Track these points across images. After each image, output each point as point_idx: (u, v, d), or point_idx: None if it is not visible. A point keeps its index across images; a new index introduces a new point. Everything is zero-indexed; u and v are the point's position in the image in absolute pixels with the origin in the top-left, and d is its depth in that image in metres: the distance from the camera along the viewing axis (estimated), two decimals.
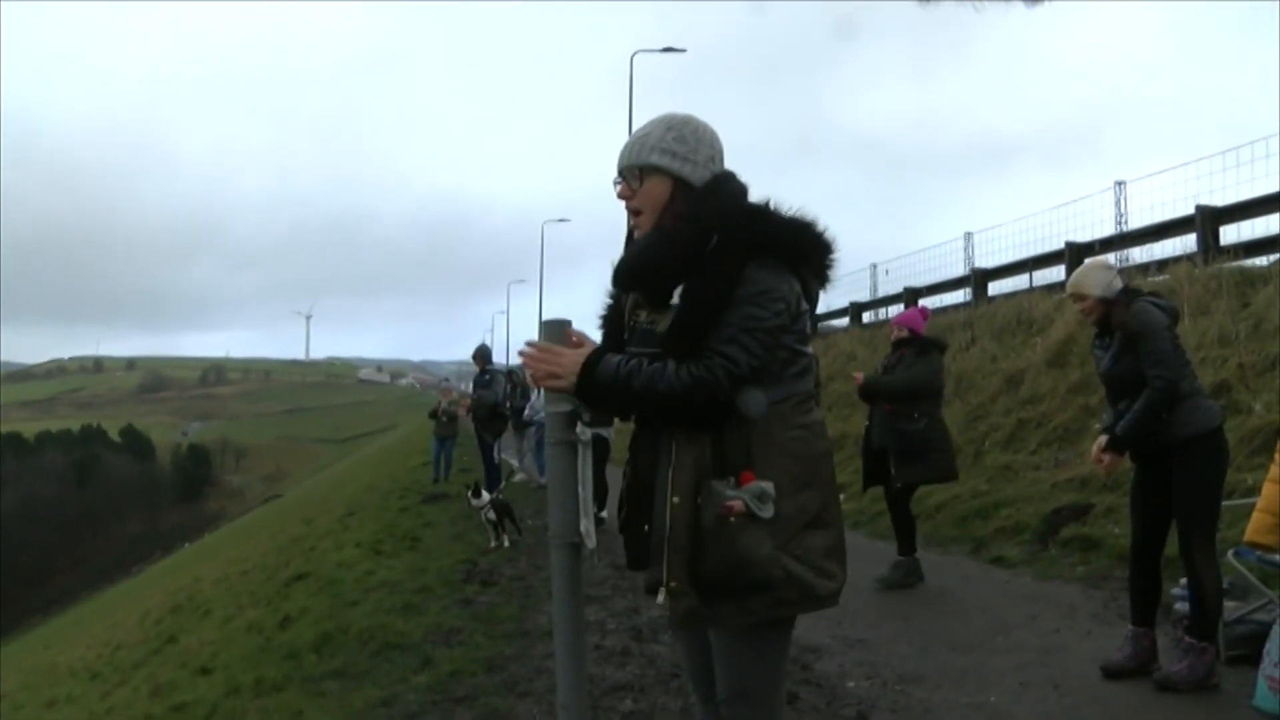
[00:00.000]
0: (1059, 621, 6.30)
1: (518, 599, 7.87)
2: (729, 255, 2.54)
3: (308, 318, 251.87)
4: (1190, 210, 13.15)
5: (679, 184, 2.68)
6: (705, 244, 2.57)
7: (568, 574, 2.87)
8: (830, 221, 2.66)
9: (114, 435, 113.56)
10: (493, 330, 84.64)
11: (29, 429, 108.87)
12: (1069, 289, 5.17)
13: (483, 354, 16.00)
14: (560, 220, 59.16)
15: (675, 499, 2.49)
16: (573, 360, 2.56)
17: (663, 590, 2.51)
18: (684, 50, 33.44)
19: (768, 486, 2.47)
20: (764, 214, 2.63)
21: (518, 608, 7.53)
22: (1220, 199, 13.13)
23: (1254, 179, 13.18)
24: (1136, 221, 16.17)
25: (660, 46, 33.39)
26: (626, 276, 2.74)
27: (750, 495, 2.46)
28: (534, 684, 5.48)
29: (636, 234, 2.76)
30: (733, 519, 2.45)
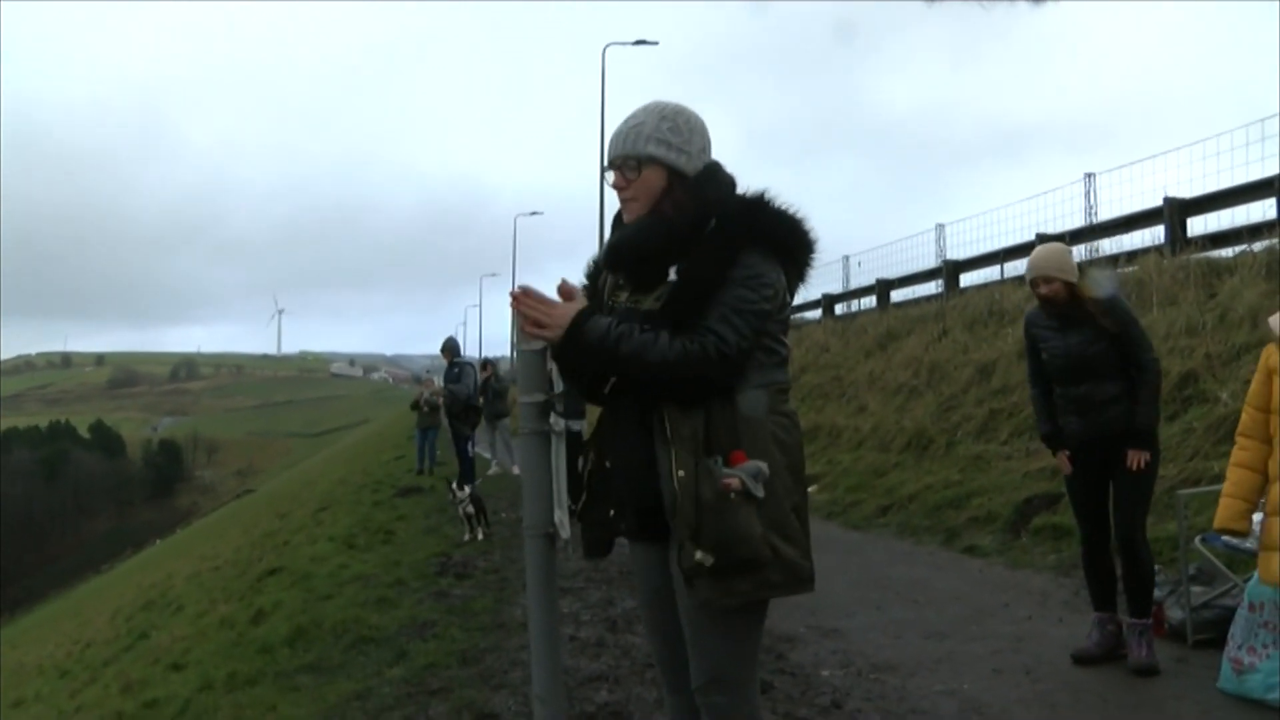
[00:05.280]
0: (1031, 609, 6.36)
1: (492, 591, 7.87)
2: (726, 239, 2.59)
3: (280, 312, 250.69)
4: (1159, 202, 13.26)
5: (673, 174, 2.68)
6: (702, 229, 2.61)
7: (542, 565, 2.87)
8: (851, 208, 2.70)
9: (83, 432, 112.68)
10: (465, 324, 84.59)
11: None
12: (1036, 271, 5.19)
13: (451, 347, 15.94)
14: (533, 214, 59.12)
15: (680, 473, 2.48)
16: (563, 313, 2.55)
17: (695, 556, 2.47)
18: (656, 43, 33.66)
19: (763, 466, 2.49)
20: (761, 204, 2.67)
21: (492, 600, 7.53)
22: (1190, 190, 13.25)
23: (1220, 171, 13.32)
24: (1106, 213, 16.29)
25: (648, 38, 33.61)
26: (621, 258, 2.73)
27: (747, 474, 2.47)
28: (509, 676, 5.49)
29: (626, 219, 2.76)
30: (732, 496, 2.46)
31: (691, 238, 2.60)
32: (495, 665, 5.75)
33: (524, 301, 2.58)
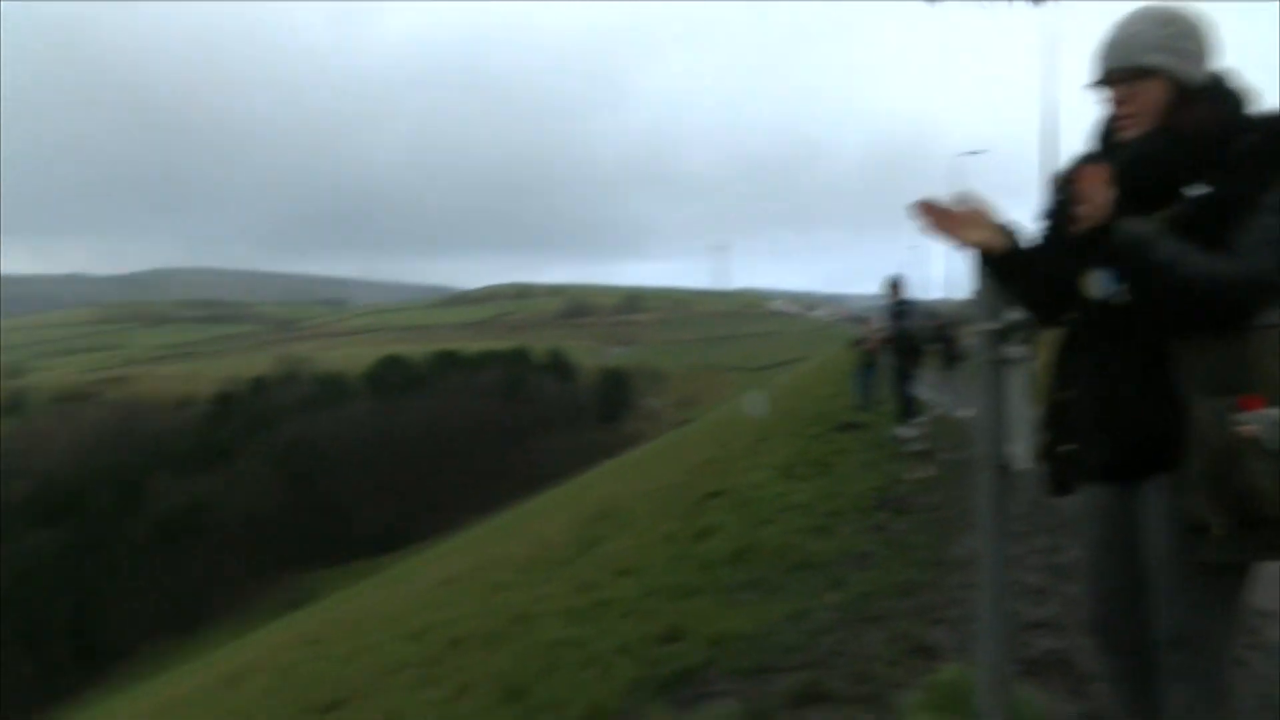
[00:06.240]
0: None
1: (932, 529, 7.75)
2: (1263, 160, 2.33)
3: (724, 249, 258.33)
4: None
5: (1176, 85, 2.46)
6: (1226, 147, 2.37)
7: (995, 497, 2.79)
8: None
9: (539, 357, 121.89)
10: (901, 266, 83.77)
11: (467, 348, 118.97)
12: None
13: (896, 283, 15.59)
14: (973, 153, 57.22)
15: (1196, 414, 2.28)
16: (1109, 198, 2.38)
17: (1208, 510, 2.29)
18: None
19: None
20: None
21: (932, 537, 7.42)
22: None
23: None
24: None
25: None
26: (1138, 176, 2.48)
27: (1267, 422, 2.21)
28: (948, 612, 5.41)
29: (1126, 136, 2.55)
30: (1246, 445, 2.21)
31: (1212, 156, 2.37)
32: (933, 600, 5.69)
33: (1088, 173, 2.40)
